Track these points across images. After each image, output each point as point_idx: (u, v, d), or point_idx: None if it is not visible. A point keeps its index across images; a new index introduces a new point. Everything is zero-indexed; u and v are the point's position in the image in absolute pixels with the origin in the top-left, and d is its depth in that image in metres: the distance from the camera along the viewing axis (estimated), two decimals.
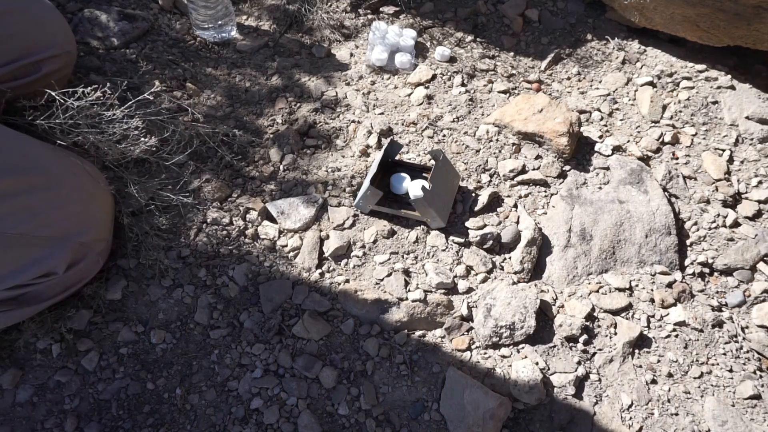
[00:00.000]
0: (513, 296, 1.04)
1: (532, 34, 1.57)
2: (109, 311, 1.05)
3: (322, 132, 1.29)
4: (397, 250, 1.13)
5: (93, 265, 1.00)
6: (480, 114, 1.36)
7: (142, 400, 0.98)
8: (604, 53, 1.54)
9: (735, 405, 1.01)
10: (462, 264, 1.10)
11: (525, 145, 1.29)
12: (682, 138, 1.35)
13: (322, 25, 1.53)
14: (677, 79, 1.46)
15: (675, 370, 1.04)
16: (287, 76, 1.41)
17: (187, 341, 1.03)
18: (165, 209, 1.13)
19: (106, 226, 1.01)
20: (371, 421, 0.96)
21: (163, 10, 1.52)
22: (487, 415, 0.93)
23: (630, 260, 1.16)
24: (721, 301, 1.14)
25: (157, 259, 1.07)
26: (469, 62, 1.47)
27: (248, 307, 1.06)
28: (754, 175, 1.30)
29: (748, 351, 1.08)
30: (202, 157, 1.23)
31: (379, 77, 1.43)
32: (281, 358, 1.01)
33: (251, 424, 0.96)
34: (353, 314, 1.05)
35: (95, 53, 1.38)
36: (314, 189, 1.19)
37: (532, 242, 1.13)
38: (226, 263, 1.10)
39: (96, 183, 1.00)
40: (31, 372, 0.99)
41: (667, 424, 0.98)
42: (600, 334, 1.07)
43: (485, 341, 1.02)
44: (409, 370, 1.00)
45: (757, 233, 1.21)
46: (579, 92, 1.45)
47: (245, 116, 1.32)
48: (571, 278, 1.13)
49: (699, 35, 1.43)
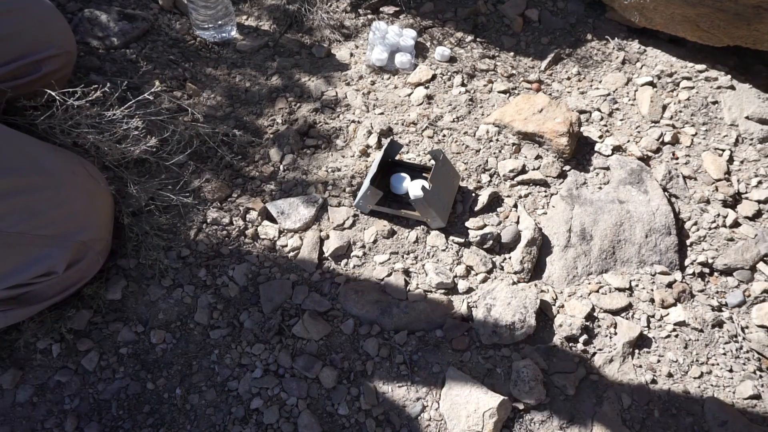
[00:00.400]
0: (513, 296, 1.04)
1: (532, 34, 1.57)
2: (109, 311, 1.05)
3: (322, 132, 1.29)
4: (397, 250, 1.13)
5: (93, 264, 1.00)
6: (480, 114, 1.36)
7: (142, 400, 0.98)
8: (604, 53, 1.54)
9: (735, 405, 1.01)
10: (462, 264, 1.10)
11: (525, 145, 1.29)
12: (682, 138, 1.35)
13: (322, 25, 1.53)
14: (677, 79, 1.46)
15: (675, 370, 1.04)
16: (287, 76, 1.41)
17: (187, 341, 1.03)
18: (165, 209, 1.13)
19: (106, 225, 1.01)
20: (371, 421, 0.96)
21: (163, 10, 1.52)
22: (487, 415, 0.93)
23: (630, 260, 1.16)
24: (721, 301, 1.14)
25: (157, 259, 1.07)
26: (469, 62, 1.47)
27: (248, 307, 1.06)
28: (754, 175, 1.30)
29: (748, 351, 1.08)
30: (202, 157, 1.23)
31: (379, 77, 1.43)
32: (281, 358, 1.01)
33: (251, 424, 0.96)
34: (353, 314, 1.05)
35: (95, 53, 1.38)
36: (314, 189, 1.19)
37: (532, 242, 1.13)
38: (226, 263, 1.10)
39: (96, 183, 1.00)
40: (31, 372, 0.99)
41: (667, 424, 0.98)
42: (600, 334, 1.07)
43: (485, 341, 1.02)
44: (409, 370, 1.00)
45: (757, 233, 1.21)
46: (579, 92, 1.45)
47: (245, 116, 1.32)
48: (571, 278, 1.13)
49: (699, 35, 1.43)
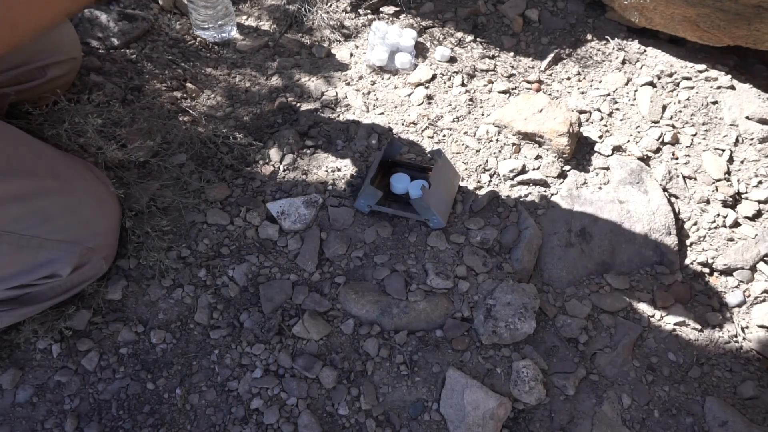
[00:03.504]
0: (513, 296, 1.04)
1: (532, 34, 1.57)
2: (109, 311, 1.05)
3: (322, 132, 1.29)
4: (397, 250, 1.13)
5: (97, 269, 1.00)
6: (480, 114, 1.36)
7: (142, 400, 0.98)
8: (604, 53, 1.54)
9: (735, 405, 1.01)
10: (462, 264, 1.10)
11: (525, 145, 1.29)
12: (682, 138, 1.35)
13: (322, 25, 1.53)
14: (677, 79, 1.46)
15: (675, 370, 1.04)
16: (287, 76, 1.41)
17: (187, 341, 1.03)
18: (165, 210, 1.13)
19: (113, 231, 1.01)
20: (371, 421, 0.96)
21: (163, 10, 1.52)
22: (487, 415, 0.93)
23: (630, 260, 1.16)
24: (721, 301, 1.14)
25: (158, 260, 1.07)
26: (469, 62, 1.47)
27: (248, 307, 1.06)
28: (754, 175, 1.30)
29: (748, 351, 1.08)
30: (203, 158, 1.23)
31: (379, 77, 1.43)
32: (281, 358, 1.01)
33: (251, 424, 0.96)
34: (353, 314, 1.05)
35: (95, 53, 1.38)
36: (314, 189, 1.19)
37: (532, 242, 1.13)
38: (226, 263, 1.10)
39: (105, 188, 1.01)
40: (31, 372, 0.99)
41: (667, 424, 0.98)
42: (600, 334, 1.07)
43: (485, 341, 1.02)
44: (409, 370, 1.00)
45: (757, 233, 1.21)
46: (579, 92, 1.45)
47: (245, 116, 1.32)
48: (571, 278, 1.13)
49: (699, 35, 1.43)
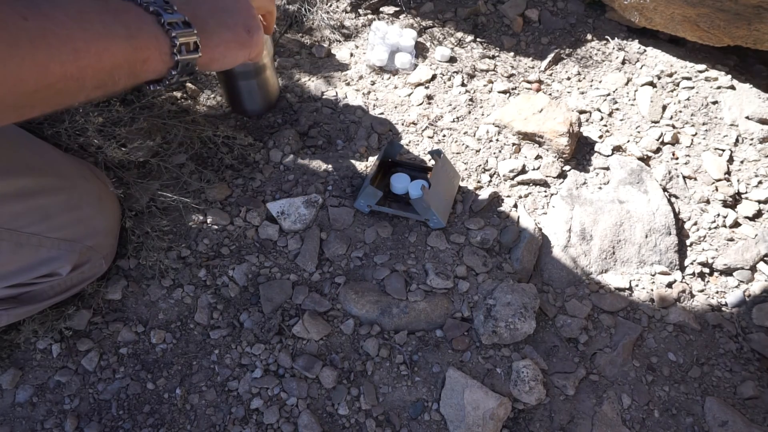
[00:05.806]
0: (513, 296, 1.04)
1: (532, 34, 1.57)
2: (109, 311, 1.05)
3: (322, 132, 1.29)
4: (397, 250, 1.13)
5: (97, 268, 1.00)
6: (480, 114, 1.36)
7: (142, 400, 0.98)
8: (604, 53, 1.54)
9: (735, 405, 1.01)
10: (462, 264, 1.10)
11: (525, 145, 1.29)
12: (682, 138, 1.35)
13: (322, 25, 1.53)
14: (677, 79, 1.46)
15: (675, 370, 1.04)
16: (287, 76, 1.41)
17: (187, 341, 1.03)
18: (165, 210, 1.13)
19: (112, 230, 1.02)
20: (371, 421, 0.96)
21: None
22: (487, 415, 0.93)
23: (630, 260, 1.16)
24: (721, 301, 1.14)
25: (158, 260, 1.07)
26: (469, 62, 1.47)
27: (248, 307, 1.06)
28: (754, 175, 1.30)
29: (748, 351, 1.08)
30: (203, 158, 1.23)
31: (379, 77, 1.43)
32: (281, 358, 1.01)
33: (251, 424, 0.96)
34: (353, 314, 1.05)
35: None
36: (314, 189, 1.19)
37: (532, 242, 1.13)
38: (226, 263, 1.10)
39: (106, 188, 1.01)
40: (31, 372, 0.99)
41: (667, 424, 0.98)
42: (600, 334, 1.07)
43: (485, 341, 1.02)
44: (409, 370, 1.00)
45: (757, 233, 1.21)
46: (579, 92, 1.45)
47: (245, 116, 1.32)
48: (571, 278, 1.13)
49: (699, 35, 1.43)
